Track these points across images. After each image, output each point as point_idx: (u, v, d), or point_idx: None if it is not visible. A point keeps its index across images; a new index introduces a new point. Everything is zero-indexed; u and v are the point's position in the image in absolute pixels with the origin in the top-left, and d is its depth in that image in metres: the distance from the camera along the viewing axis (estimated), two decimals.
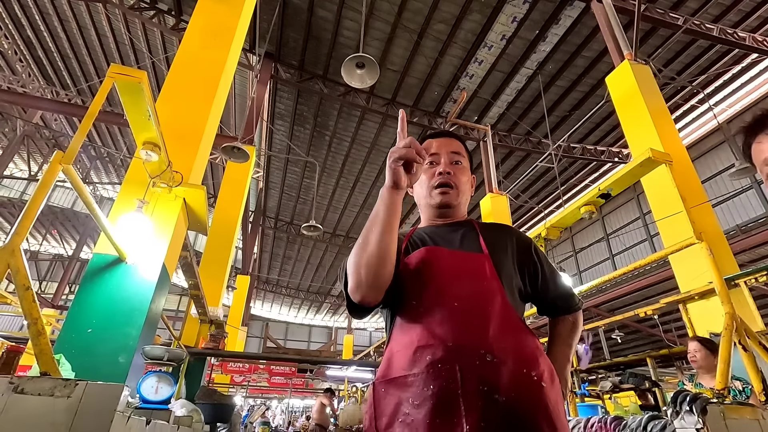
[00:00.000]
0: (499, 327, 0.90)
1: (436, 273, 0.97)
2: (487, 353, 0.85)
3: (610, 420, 1.99)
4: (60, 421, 1.18)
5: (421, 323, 0.91)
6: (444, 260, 0.99)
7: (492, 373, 0.83)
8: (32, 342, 1.52)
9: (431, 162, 1.14)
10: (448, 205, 1.12)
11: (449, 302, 0.92)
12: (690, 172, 5.28)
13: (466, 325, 0.89)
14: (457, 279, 0.96)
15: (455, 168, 1.14)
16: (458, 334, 0.88)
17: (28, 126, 12.56)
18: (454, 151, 1.15)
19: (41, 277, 19.45)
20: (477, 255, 1.01)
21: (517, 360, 0.87)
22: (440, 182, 1.11)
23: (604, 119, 10.41)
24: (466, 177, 1.16)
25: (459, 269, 0.98)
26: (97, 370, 2.49)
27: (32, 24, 10.44)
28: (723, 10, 8.08)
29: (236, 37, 4.77)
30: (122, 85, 2.35)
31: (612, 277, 3.74)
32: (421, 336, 0.89)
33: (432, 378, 0.84)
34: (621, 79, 5.98)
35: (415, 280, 0.97)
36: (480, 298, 0.93)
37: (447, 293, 0.93)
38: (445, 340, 0.87)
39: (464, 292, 0.93)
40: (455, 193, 1.12)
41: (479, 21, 8.23)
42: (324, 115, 11.06)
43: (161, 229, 3.14)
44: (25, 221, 1.67)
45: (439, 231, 1.10)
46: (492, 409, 0.80)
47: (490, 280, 0.96)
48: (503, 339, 0.88)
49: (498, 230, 1.13)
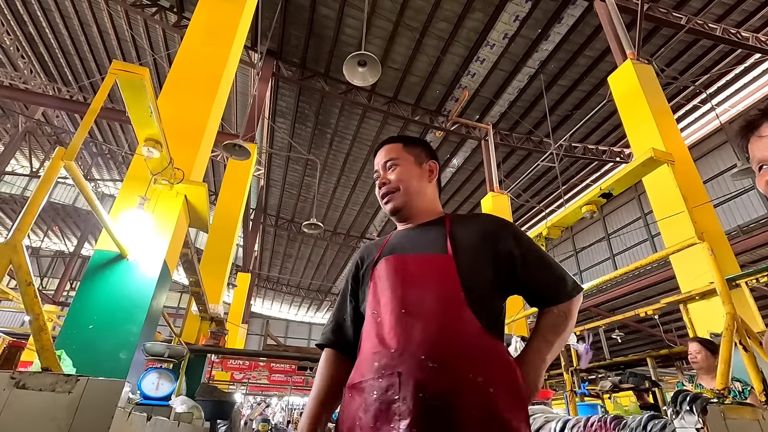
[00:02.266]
0: (447, 331, 0.88)
1: (392, 282, 0.98)
2: (429, 359, 0.84)
3: (610, 419, 1.99)
4: (61, 417, 1.18)
5: (375, 332, 0.94)
6: (400, 268, 1.00)
7: (431, 378, 0.82)
8: (34, 338, 1.52)
9: (376, 176, 1.21)
10: (395, 211, 1.15)
11: (398, 309, 0.93)
12: (692, 172, 5.27)
13: (410, 330, 0.89)
14: (410, 285, 0.96)
15: (390, 173, 1.16)
16: (402, 340, 0.88)
17: (29, 122, 12.58)
18: (387, 159, 1.18)
19: (43, 273, 19.50)
20: (437, 257, 0.99)
21: (463, 364, 0.84)
22: (381, 194, 1.17)
23: (606, 119, 10.39)
24: (406, 172, 1.15)
25: (414, 275, 0.98)
26: (99, 366, 2.50)
27: (34, 20, 10.44)
28: (726, 9, 8.05)
29: (238, 34, 4.76)
30: (124, 82, 2.35)
31: (612, 277, 3.73)
32: (374, 344, 0.93)
33: (377, 384, 0.87)
34: (623, 79, 5.96)
35: (376, 291, 1.01)
36: (431, 302, 0.92)
37: (397, 301, 0.94)
38: (390, 347, 0.89)
39: (414, 298, 0.93)
40: (399, 195, 1.14)
41: (481, 19, 8.21)
42: (325, 113, 11.05)
43: (162, 226, 3.14)
44: (26, 217, 1.67)
45: (408, 235, 1.12)
46: (428, 415, 0.80)
47: (446, 282, 0.94)
48: (449, 344, 0.87)
49: (472, 222, 1.08)
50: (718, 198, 10.47)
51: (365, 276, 1.09)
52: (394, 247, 1.08)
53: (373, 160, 1.24)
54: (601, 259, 14.01)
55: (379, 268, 1.04)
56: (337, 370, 1.06)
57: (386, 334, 0.92)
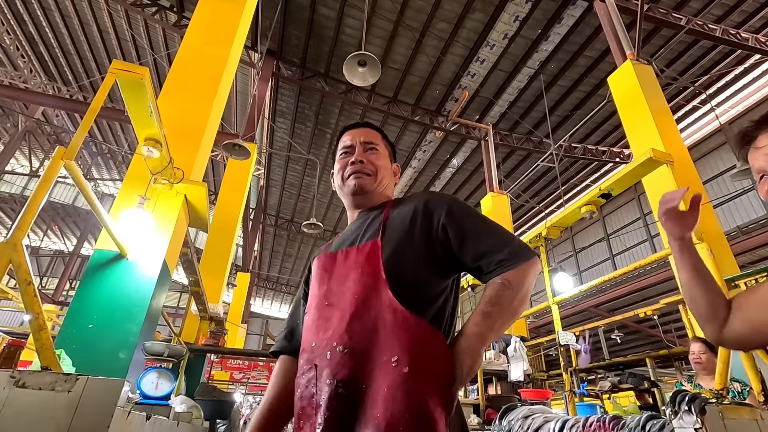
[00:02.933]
0: (362, 316, 0.85)
1: (319, 281, 1.00)
2: (339, 345, 0.83)
3: (609, 419, 1.99)
4: (61, 416, 1.18)
5: (305, 329, 0.97)
6: (326, 266, 1.01)
7: (341, 365, 0.82)
8: (33, 337, 1.53)
9: (345, 152, 1.15)
10: (362, 190, 1.09)
11: (321, 304, 0.94)
12: (691, 172, 5.27)
13: (327, 322, 0.90)
14: (336, 278, 0.96)
15: (369, 155, 1.12)
16: (320, 332, 0.90)
17: (29, 122, 12.58)
18: (367, 141, 1.14)
19: (42, 272, 19.49)
20: (366, 244, 0.95)
21: (376, 348, 0.81)
22: (352, 171, 1.10)
23: (606, 119, 10.39)
24: (384, 162, 1.14)
25: (340, 267, 0.97)
26: (98, 365, 2.50)
27: (34, 20, 10.44)
28: (726, 10, 8.06)
29: (238, 34, 4.77)
30: (124, 82, 2.35)
31: (612, 277, 3.74)
32: (303, 341, 0.95)
33: (301, 381, 0.89)
34: (623, 79, 5.97)
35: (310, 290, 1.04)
36: (351, 290, 0.89)
37: (321, 297, 0.96)
38: (311, 341, 0.91)
39: (337, 290, 0.93)
40: (371, 179, 1.10)
41: (481, 20, 8.22)
42: (325, 113, 11.05)
43: (162, 225, 3.15)
44: (26, 217, 1.67)
45: (351, 227, 1.09)
46: (337, 403, 0.80)
47: (368, 268, 0.90)
48: (362, 327, 0.84)
49: (409, 202, 1.02)
50: (718, 198, 10.47)
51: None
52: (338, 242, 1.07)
53: (344, 138, 1.17)
54: (601, 260, 14.01)
55: (313, 267, 1.06)
56: (292, 376, 0.98)
57: (310, 329, 0.93)
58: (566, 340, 3.48)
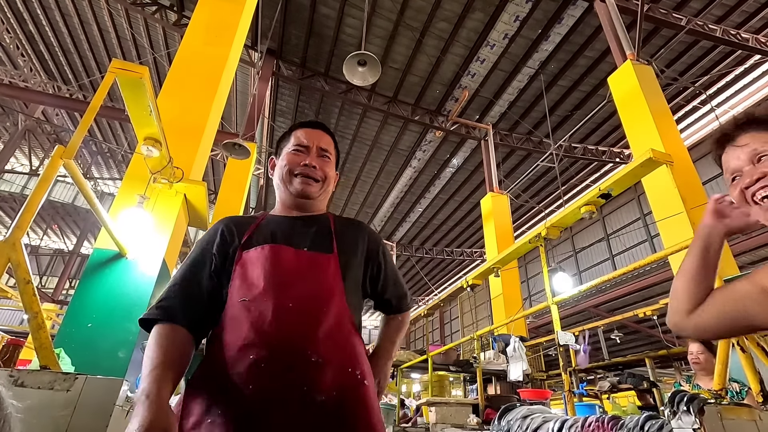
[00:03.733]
0: (330, 328, 0.91)
1: (276, 273, 0.94)
2: (313, 353, 0.86)
3: (608, 419, 1.99)
4: (59, 414, 1.18)
5: (249, 322, 0.88)
6: (286, 260, 0.97)
7: (316, 373, 0.85)
8: (32, 336, 1.53)
9: (298, 150, 1.14)
10: (308, 196, 1.11)
11: (284, 302, 0.90)
12: (691, 173, 5.27)
13: (296, 325, 0.88)
14: (297, 279, 0.94)
15: (322, 161, 1.14)
16: (287, 334, 0.87)
17: (29, 120, 12.57)
18: (323, 147, 1.15)
19: (42, 271, 19.49)
20: (324, 255, 1.00)
21: (343, 359, 0.91)
22: (303, 173, 1.11)
23: (606, 119, 10.39)
24: (331, 171, 1.17)
25: (300, 270, 0.96)
26: (97, 364, 2.50)
27: (34, 18, 10.43)
28: (726, 11, 8.05)
29: (238, 33, 4.77)
30: (124, 81, 2.35)
31: (612, 278, 3.73)
32: (248, 335, 0.87)
33: (252, 377, 0.82)
34: (623, 80, 5.97)
35: (250, 276, 0.95)
36: (316, 299, 0.93)
37: (283, 293, 0.91)
38: (271, 340, 0.86)
39: (301, 293, 0.92)
40: (318, 186, 1.12)
41: (482, 19, 8.22)
42: (325, 112, 11.05)
43: (162, 224, 3.15)
44: (26, 215, 1.67)
45: (291, 225, 1.07)
46: (310, 408, 0.82)
47: (330, 282, 0.97)
48: (332, 340, 0.90)
49: (352, 228, 1.13)
50: None
51: (232, 255, 0.99)
52: (274, 234, 1.03)
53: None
54: (601, 260, 14.01)
55: (255, 253, 0.98)
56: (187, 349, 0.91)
57: (266, 326, 0.87)
58: (565, 341, 3.48)
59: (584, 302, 11.33)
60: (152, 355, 0.86)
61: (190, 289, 0.96)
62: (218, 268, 0.99)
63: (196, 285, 0.97)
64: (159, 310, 0.93)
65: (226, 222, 1.06)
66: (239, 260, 0.98)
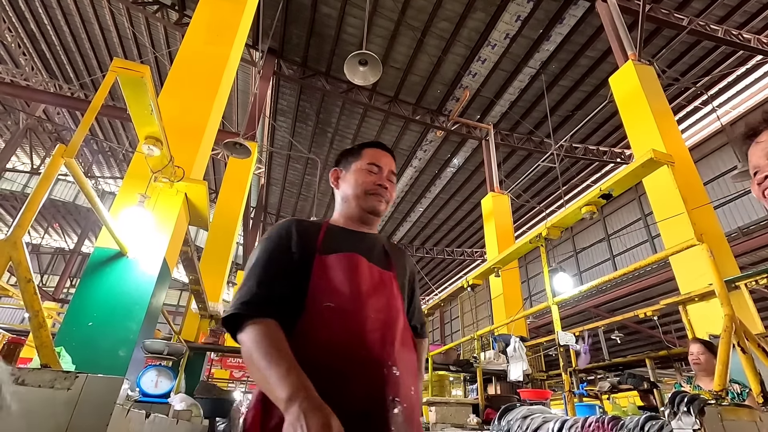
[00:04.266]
0: (401, 343, 0.98)
1: (358, 281, 0.99)
2: (393, 366, 0.92)
3: (608, 420, 1.99)
4: (60, 413, 1.18)
5: (335, 326, 0.91)
6: (365, 270, 1.03)
7: (396, 384, 0.91)
8: (33, 334, 1.53)
9: (374, 170, 1.20)
10: (378, 214, 1.18)
11: (366, 312, 0.95)
12: (692, 173, 5.26)
13: (379, 335, 0.94)
14: (375, 291, 1.00)
15: (390, 186, 1.22)
16: (372, 344, 0.92)
17: (30, 119, 12.59)
18: (393, 171, 1.24)
19: (43, 270, 19.52)
20: (387, 273, 1.08)
21: (408, 375, 0.97)
22: (379, 192, 1.17)
23: (607, 120, 10.38)
24: (393, 195, 1.25)
25: (375, 282, 1.03)
26: (98, 363, 2.50)
27: (36, 17, 10.44)
28: (728, 11, 8.04)
29: (239, 32, 4.77)
30: (125, 80, 2.36)
31: (612, 278, 3.73)
32: (336, 340, 0.89)
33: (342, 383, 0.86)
34: (624, 80, 5.96)
35: (333, 281, 0.96)
36: (390, 313, 1.00)
37: (365, 303, 0.96)
38: (360, 348, 0.90)
39: (380, 305, 0.99)
40: (385, 206, 1.19)
41: (483, 19, 8.21)
42: (326, 112, 11.05)
43: (162, 223, 3.15)
44: (27, 214, 1.68)
45: (358, 238, 1.13)
46: (396, 417, 0.88)
47: (397, 299, 1.05)
48: (402, 355, 0.97)
49: (399, 253, 1.21)
50: (719, 199, 10.45)
51: (309, 258, 0.99)
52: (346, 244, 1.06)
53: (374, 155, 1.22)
54: (601, 260, 14.00)
55: (336, 259, 1.00)
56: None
57: (352, 332, 0.92)
58: (566, 341, 3.48)
59: (585, 302, 11.32)
60: (270, 352, 0.82)
61: (272, 286, 0.95)
62: (295, 266, 0.98)
63: (276, 283, 0.96)
64: (250, 306, 0.90)
65: (295, 223, 1.07)
66: (318, 263, 0.99)
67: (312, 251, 1.01)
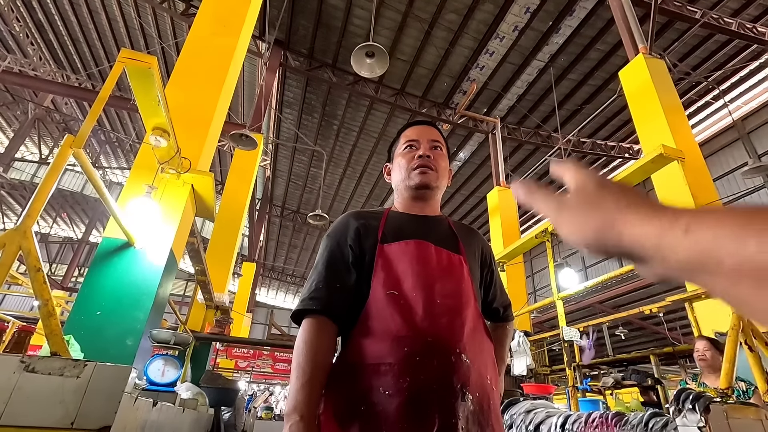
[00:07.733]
0: (472, 330, 0.93)
1: (421, 267, 0.96)
2: (462, 353, 0.88)
3: (612, 415, 1.99)
4: (69, 400, 1.20)
5: (399, 314, 0.90)
6: (430, 255, 0.99)
7: (465, 373, 0.87)
8: (43, 322, 1.55)
9: (410, 146, 1.15)
10: (427, 186, 1.10)
11: (432, 298, 0.92)
12: (702, 169, 5.19)
13: (445, 322, 0.90)
14: (441, 276, 0.96)
15: (435, 153, 1.14)
16: (438, 330, 0.89)
17: (39, 109, 12.67)
18: (433, 139, 1.16)
19: (51, 259, 19.75)
20: (456, 256, 1.03)
21: (481, 364, 0.92)
22: (420, 164, 1.11)
23: (616, 114, 10.26)
24: (445, 163, 1.17)
25: (442, 267, 0.99)
26: (106, 351, 2.54)
27: (43, 7, 10.46)
28: (743, 4, 7.87)
29: (246, 24, 4.75)
30: (132, 70, 2.36)
31: (618, 274, 3.72)
32: (399, 327, 0.88)
33: (408, 370, 0.84)
34: (635, 73, 5.87)
35: (396, 270, 0.96)
36: (459, 298, 0.95)
37: (431, 289, 0.93)
38: (425, 335, 0.87)
39: (447, 291, 0.95)
40: (435, 176, 1.11)
41: (491, 11, 8.11)
42: (332, 104, 11.02)
43: (169, 214, 3.17)
44: (36, 204, 1.69)
45: (421, 222, 1.09)
46: (464, 406, 0.84)
47: (467, 283, 0.99)
48: (473, 342, 0.92)
49: (470, 234, 1.15)
50: (729, 196, 10.33)
51: (371, 249, 1.01)
52: (407, 230, 1.04)
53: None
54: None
55: (399, 248, 1.00)
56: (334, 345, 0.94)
57: (417, 320, 0.89)
58: (570, 336, 3.47)
59: (590, 298, 11.29)
60: (302, 361, 0.88)
61: (335, 281, 0.98)
62: (357, 260, 1.00)
63: (339, 277, 0.98)
64: (312, 301, 0.94)
65: (355, 215, 1.08)
66: (381, 253, 0.99)
67: (373, 241, 1.01)
